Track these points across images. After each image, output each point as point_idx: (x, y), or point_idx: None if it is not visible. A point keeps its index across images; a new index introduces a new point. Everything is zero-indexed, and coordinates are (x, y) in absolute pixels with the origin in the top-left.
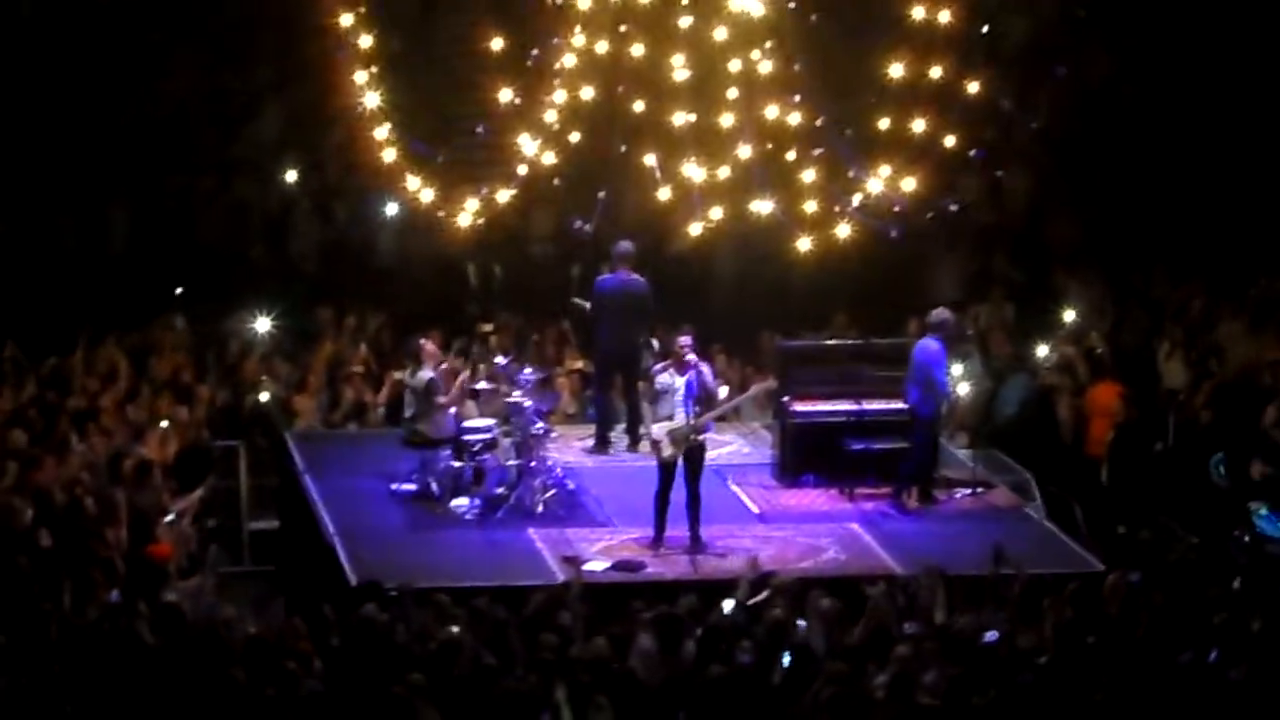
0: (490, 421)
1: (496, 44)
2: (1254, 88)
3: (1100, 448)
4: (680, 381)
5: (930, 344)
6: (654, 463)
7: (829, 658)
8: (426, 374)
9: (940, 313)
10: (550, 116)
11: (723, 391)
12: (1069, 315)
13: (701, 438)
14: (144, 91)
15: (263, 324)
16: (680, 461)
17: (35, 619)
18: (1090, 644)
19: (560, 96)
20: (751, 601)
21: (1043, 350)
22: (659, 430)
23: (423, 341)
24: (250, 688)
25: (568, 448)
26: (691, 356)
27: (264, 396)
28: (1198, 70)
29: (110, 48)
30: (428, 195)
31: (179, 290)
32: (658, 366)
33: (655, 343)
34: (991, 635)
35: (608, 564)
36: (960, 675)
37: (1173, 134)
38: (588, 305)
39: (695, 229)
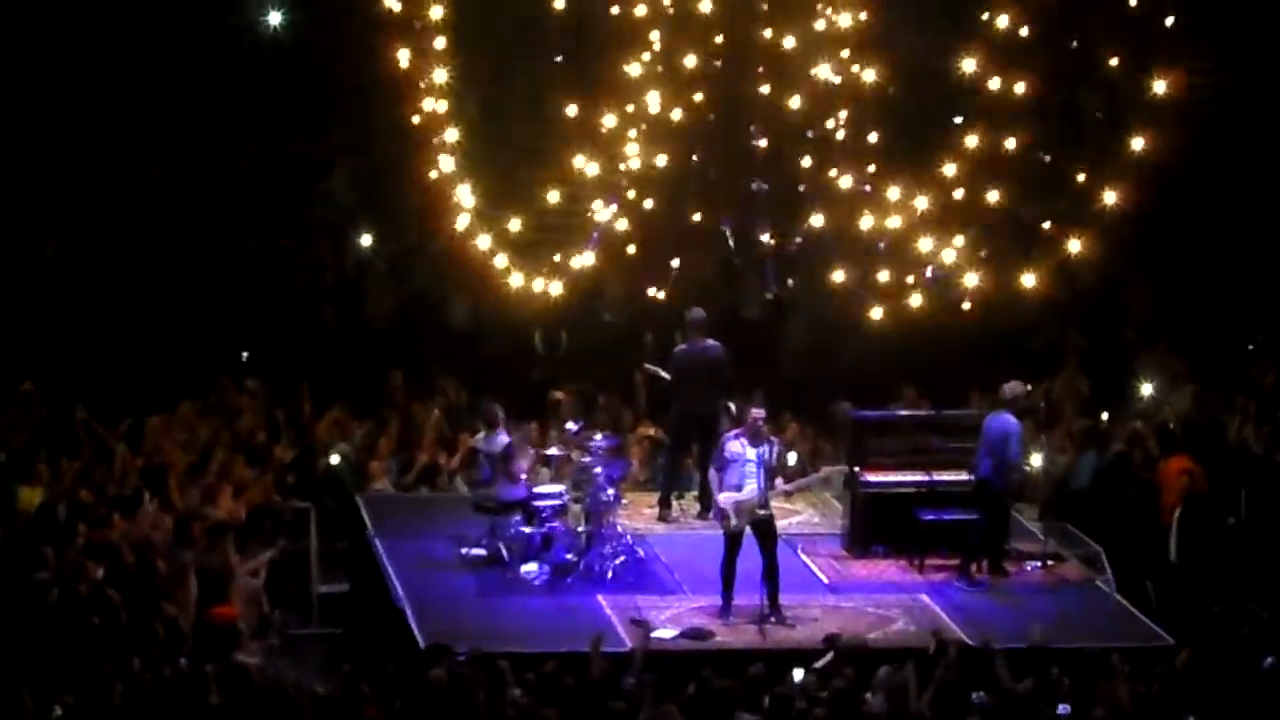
0: (560, 488)
1: (571, 110)
2: None
3: (1173, 519)
4: (752, 452)
5: (1006, 417)
6: (718, 530)
7: None
8: (502, 438)
9: (1013, 386)
10: (624, 183)
11: (791, 458)
12: (1145, 389)
13: (766, 511)
14: (221, 153)
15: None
16: (749, 532)
17: (101, 678)
18: (1164, 717)
19: (634, 163)
20: (820, 665)
21: (1108, 422)
22: (726, 500)
23: (495, 406)
24: None
25: (638, 514)
26: (765, 428)
27: (335, 459)
28: (1270, 141)
29: (188, 109)
30: (501, 260)
31: (245, 355)
32: (729, 435)
33: (733, 408)
34: (1064, 709)
35: (676, 631)
36: None
37: (1247, 206)
38: (663, 373)
39: (768, 297)
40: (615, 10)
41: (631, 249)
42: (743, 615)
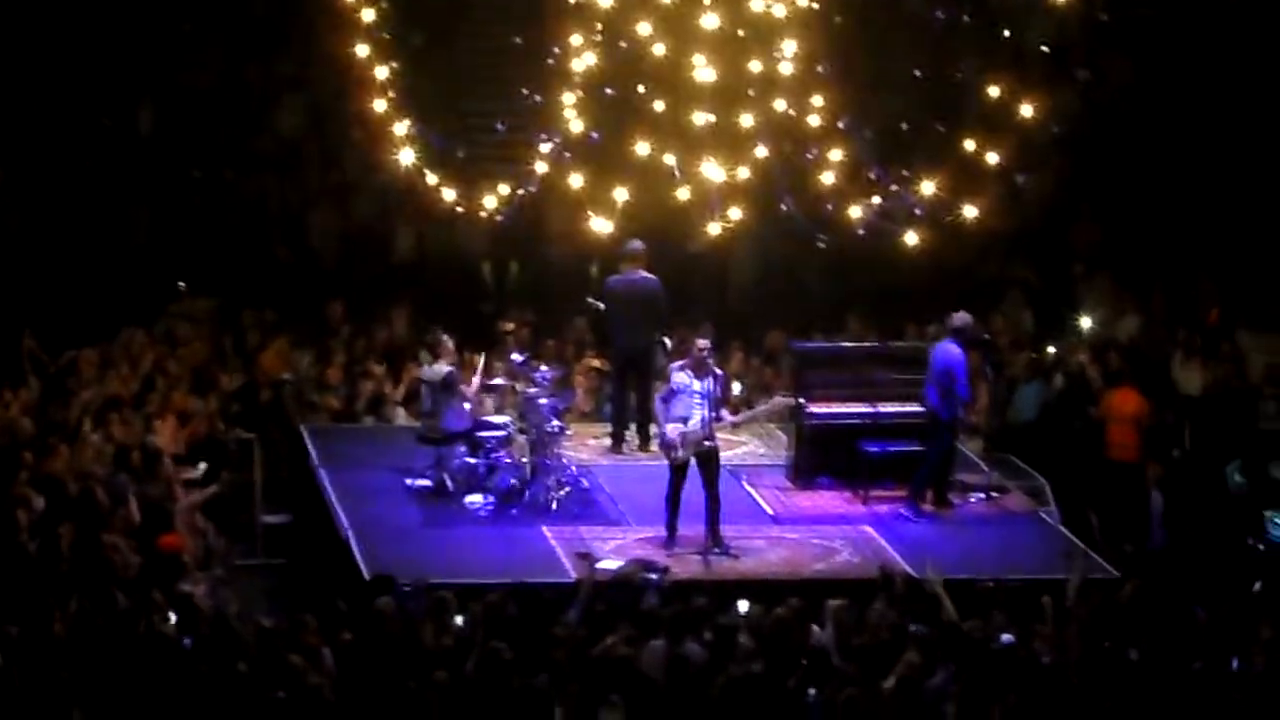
0: (506, 418)
1: (516, 40)
2: (1274, 90)
3: (1120, 451)
4: (698, 384)
5: (951, 348)
6: (665, 463)
7: (841, 660)
8: (444, 368)
9: (961, 316)
10: (569, 115)
11: (735, 388)
12: (1085, 321)
13: (712, 443)
14: (167, 84)
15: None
16: (694, 465)
17: (44, 611)
18: (1104, 650)
19: (579, 95)
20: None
21: (1052, 351)
22: (673, 431)
23: (444, 337)
24: (258, 682)
25: (583, 446)
26: (710, 359)
27: (281, 389)
28: (1216, 73)
29: (134, 40)
30: (449, 194)
31: (182, 285)
32: (675, 365)
33: (668, 341)
34: (1007, 638)
35: (621, 563)
36: (973, 679)
37: (1192, 138)
38: (600, 305)
39: (713, 229)
40: None
41: (577, 181)
42: (687, 546)
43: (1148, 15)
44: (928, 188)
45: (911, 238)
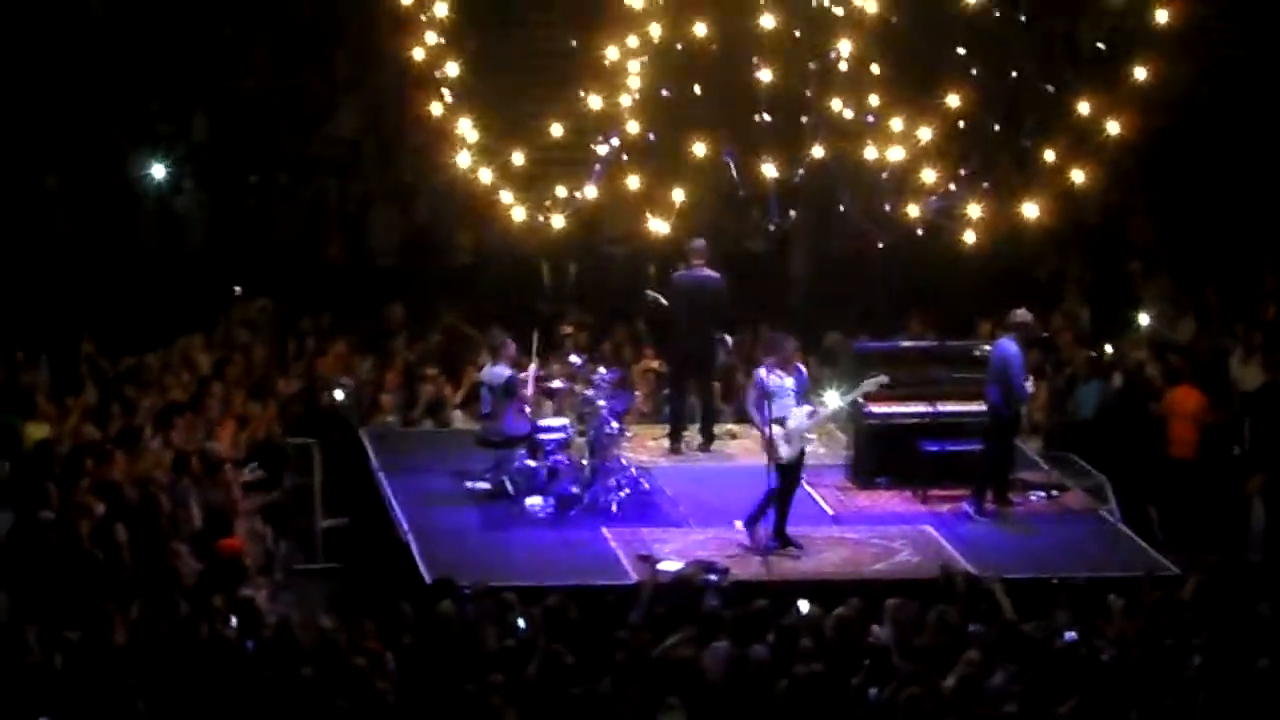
0: (565, 421)
1: (573, 43)
2: None
3: (1181, 449)
4: (790, 381)
5: (1009, 345)
6: (725, 463)
7: (902, 659)
8: (504, 371)
9: (1019, 314)
10: (626, 116)
11: None
12: (1143, 318)
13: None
14: (221, 90)
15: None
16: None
17: (104, 616)
18: (1167, 648)
19: (636, 96)
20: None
21: (1110, 350)
22: (777, 433)
23: (507, 340)
24: (320, 686)
25: (642, 447)
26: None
27: (339, 394)
28: (1274, 71)
29: (189, 44)
30: (507, 196)
31: (238, 290)
32: (761, 369)
33: (729, 339)
34: (1070, 636)
35: (681, 564)
36: (1034, 678)
37: (1249, 135)
38: (662, 299)
39: (770, 228)
40: None
41: (634, 182)
42: (747, 547)
43: (1205, 13)
44: (985, 186)
45: (970, 236)
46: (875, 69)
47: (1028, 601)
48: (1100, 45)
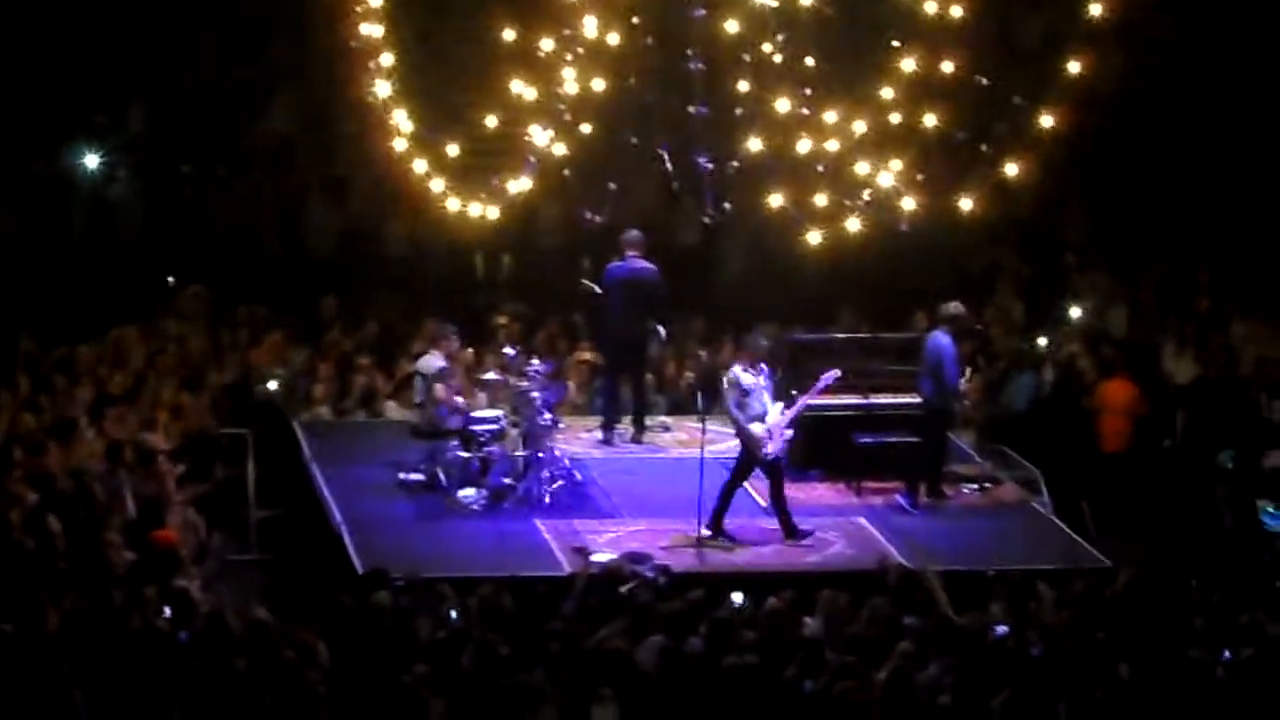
0: (498, 412)
1: (508, 35)
2: (1266, 84)
3: (1113, 442)
4: (763, 379)
5: (942, 338)
6: (657, 455)
7: (834, 652)
8: (438, 361)
9: (952, 306)
10: (561, 107)
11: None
12: (1075, 311)
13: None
14: (158, 81)
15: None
16: (741, 454)
17: (37, 607)
18: (1098, 640)
19: (571, 88)
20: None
21: (1043, 342)
22: (760, 430)
23: (449, 330)
24: (252, 677)
25: (575, 439)
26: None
27: (272, 384)
28: (1209, 66)
29: (125, 37)
30: (438, 185)
31: (171, 280)
32: (735, 367)
33: (663, 331)
34: (1001, 630)
35: (614, 556)
36: (967, 671)
37: (1184, 129)
38: (597, 288)
39: (706, 221)
40: None
41: (568, 173)
42: (678, 539)
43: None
44: (920, 179)
45: (903, 228)
46: (809, 61)
47: (961, 594)
48: (1034, 39)
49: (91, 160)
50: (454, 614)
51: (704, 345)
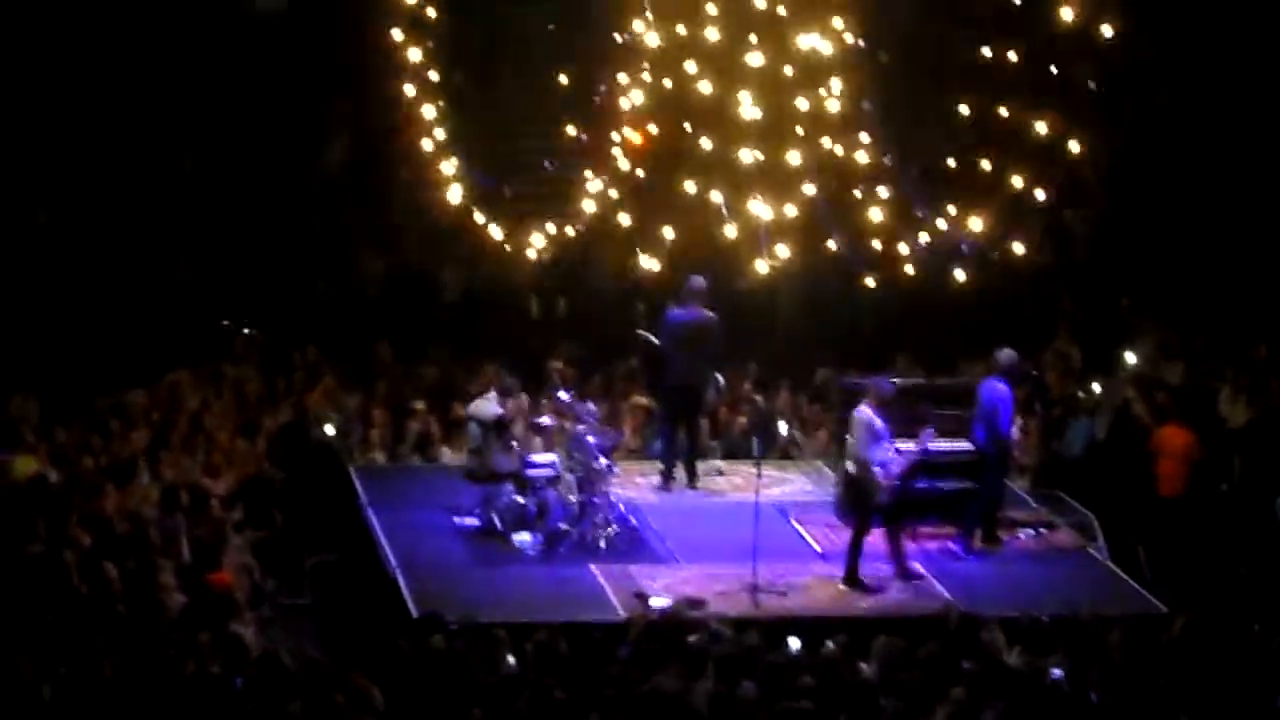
0: (553, 457)
1: (562, 81)
2: None
3: (1169, 487)
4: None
5: (997, 385)
6: (712, 499)
7: (888, 698)
8: (494, 408)
9: (1007, 354)
10: (616, 153)
11: (782, 428)
12: (1130, 357)
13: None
14: (211, 125)
15: None
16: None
17: (94, 651)
18: (1156, 686)
19: (627, 133)
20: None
21: (1097, 389)
22: (881, 473)
23: (509, 379)
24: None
25: (630, 483)
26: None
27: (329, 429)
28: (1262, 108)
29: (178, 81)
30: (496, 232)
31: (225, 323)
32: (864, 412)
33: (721, 379)
34: (1057, 673)
35: (669, 601)
36: (1021, 716)
37: (1242, 178)
38: (654, 339)
39: (762, 266)
40: None
41: (624, 218)
42: (734, 584)
43: (1194, 53)
44: (975, 224)
45: (960, 274)
46: (865, 107)
47: (1016, 639)
48: (1091, 84)
49: None
50: (509, 659)
51: (759, 390)
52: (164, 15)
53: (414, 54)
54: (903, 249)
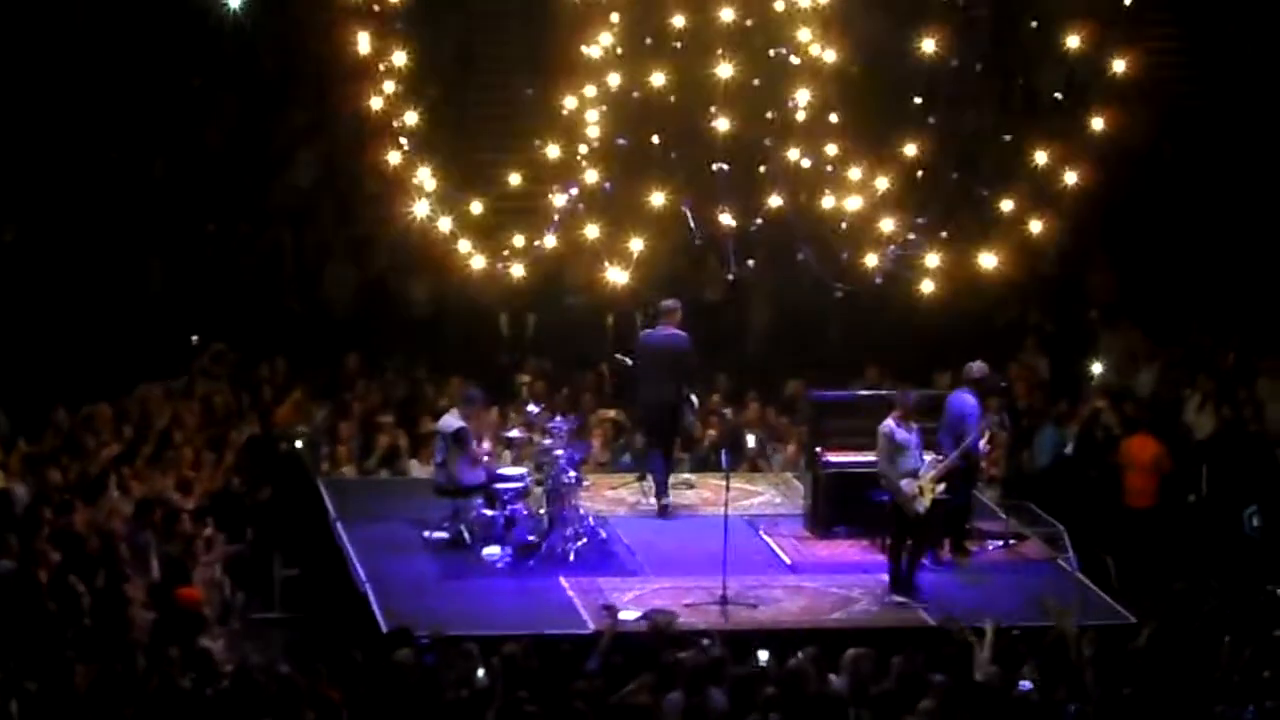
0: (522, 470)
1: (528, 93)
2: None
3: (1138, 498)
4: (913, 436)
5: (966, 397)
6: (682, 513)
7: (857, 709)
8: (455, 421)
9: (977, 366)
10: (583, 166)
11: (750, 440)
12: (1096, 368)
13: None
14: (180, 138)
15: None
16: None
17: (63, 666)
18: (1125, 696)
19: (593, 146)
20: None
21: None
22: (909, 484)
23: (473, 392)
24: None
25: (599, 496)
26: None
27: (298, 442)
28: (1237, 124)
29: (148, 94)
30: (465, 246)
31: (195, 339)
32: (888, 425)
33: (694, 398)
34: (1026, 685)
35: (639, 614)
36: None
37: (1211, 188)
38: (629, 361)
39: (728, 278)
40: None
41: (592, 231)
42: (704, 597)
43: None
44: (944, 236)
45: (928, 286)
46: (833, 118)
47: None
48: (1058, 95)
49: None
50: (479, 672)
51: (728, 403)
52: (135, 30)
53: (387, 63)
54: (871, 260)
